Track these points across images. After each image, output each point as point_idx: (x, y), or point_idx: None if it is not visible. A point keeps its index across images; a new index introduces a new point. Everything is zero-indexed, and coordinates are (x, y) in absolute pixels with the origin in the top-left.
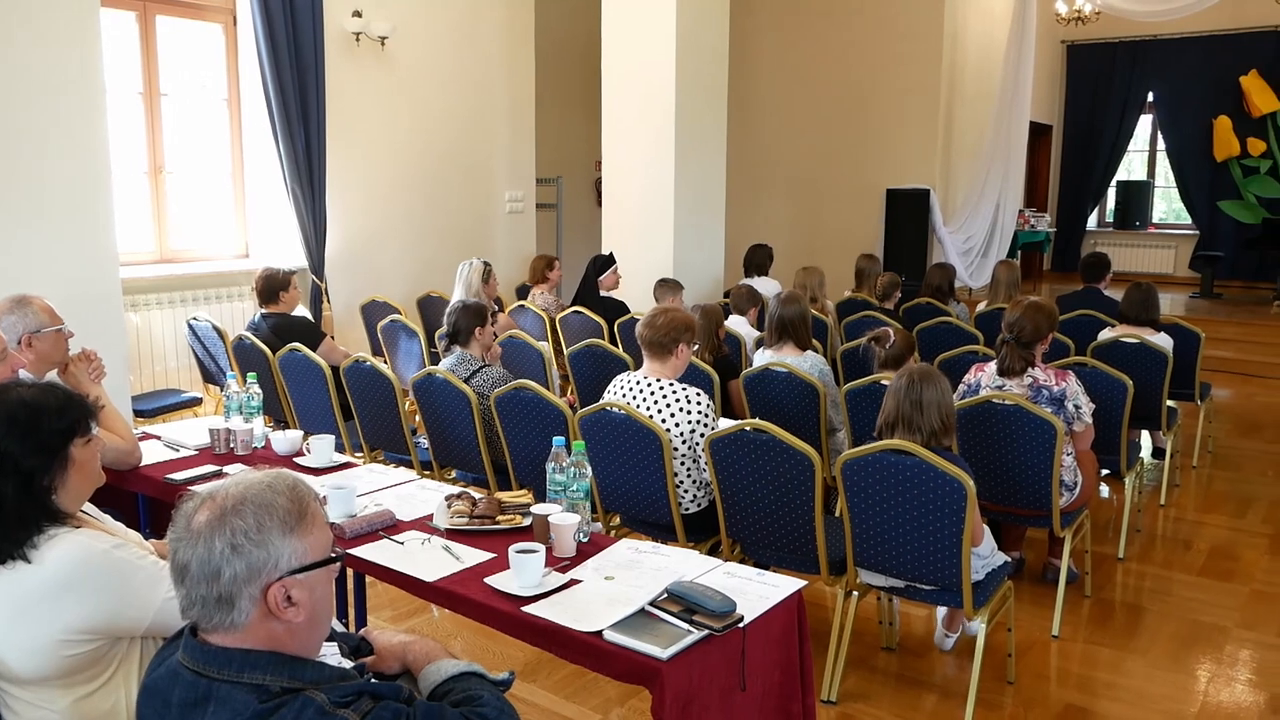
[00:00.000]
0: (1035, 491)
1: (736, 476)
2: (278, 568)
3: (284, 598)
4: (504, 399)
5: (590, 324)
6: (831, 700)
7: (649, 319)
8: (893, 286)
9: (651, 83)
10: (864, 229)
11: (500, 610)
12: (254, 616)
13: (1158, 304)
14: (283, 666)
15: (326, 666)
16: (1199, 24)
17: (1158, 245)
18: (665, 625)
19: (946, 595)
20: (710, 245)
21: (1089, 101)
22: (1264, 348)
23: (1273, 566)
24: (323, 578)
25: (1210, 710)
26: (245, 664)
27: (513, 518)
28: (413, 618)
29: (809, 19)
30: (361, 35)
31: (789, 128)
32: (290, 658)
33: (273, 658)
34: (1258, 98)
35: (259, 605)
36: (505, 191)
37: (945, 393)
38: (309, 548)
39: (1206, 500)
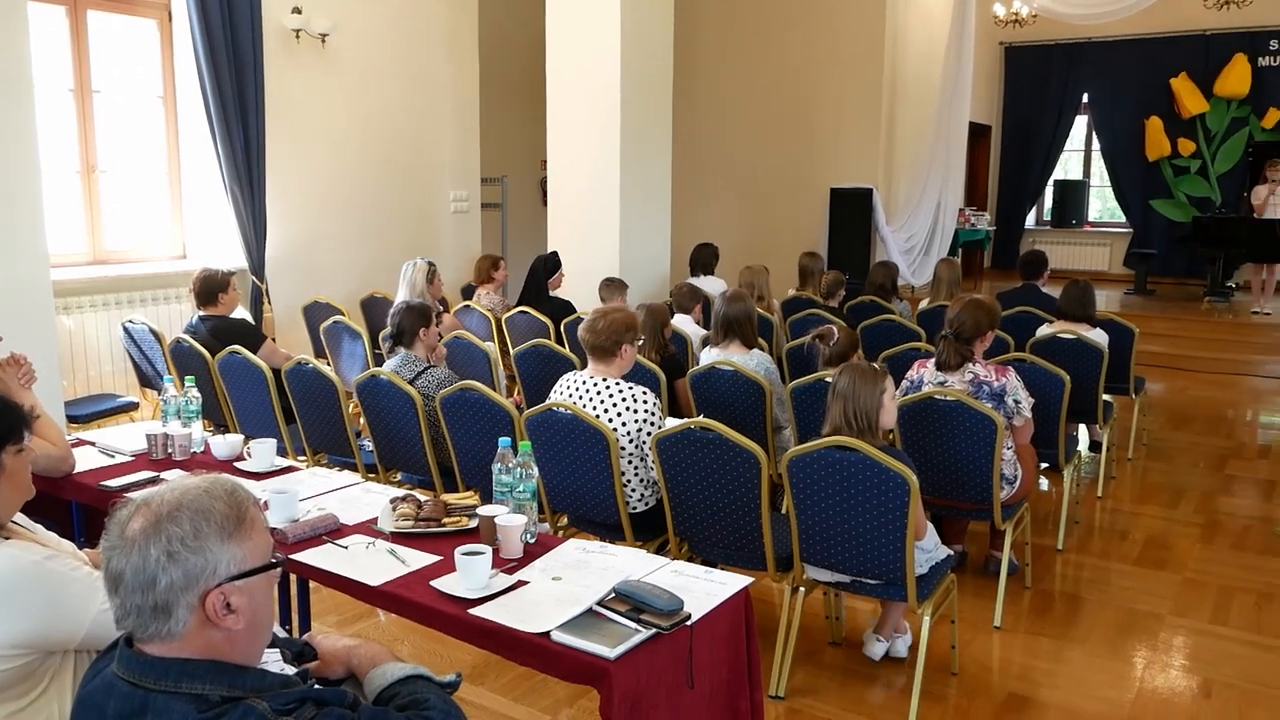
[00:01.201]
0: (977, 485)
1: (683, 475)
2: (216, 574)
3: (223, 605)
4: (449, 400)
5: (536, 324)
6: (779, 695)
7: (589, 323)
8: (837, 285)
9: (596, 83)
10: (808, 228)
11: (447, 613)
12: (192, 625)
13: (1093, 301)
14: (222, 675)
15: (268, 674)
16: (1132, 27)
17: (1093, 243)
18: (613, 625)
19: (891, 589)
20: (656, 244)
21: (1026, 102)
22: (1195, 342)
23: (1204, 555)
24: (263, 584)
25: (1146, 696)
26: (183, 674)
27: (459, 520)
28: (358, 622)
29: (753, 20)
30: (301, 32)
31: (734, 128)
32: (230, 666)
33: (212, 666)
34: (1187, 100)
35: (197, 613)
36: (450, 191)
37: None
38: (248, 553)
39: (1141, 492)
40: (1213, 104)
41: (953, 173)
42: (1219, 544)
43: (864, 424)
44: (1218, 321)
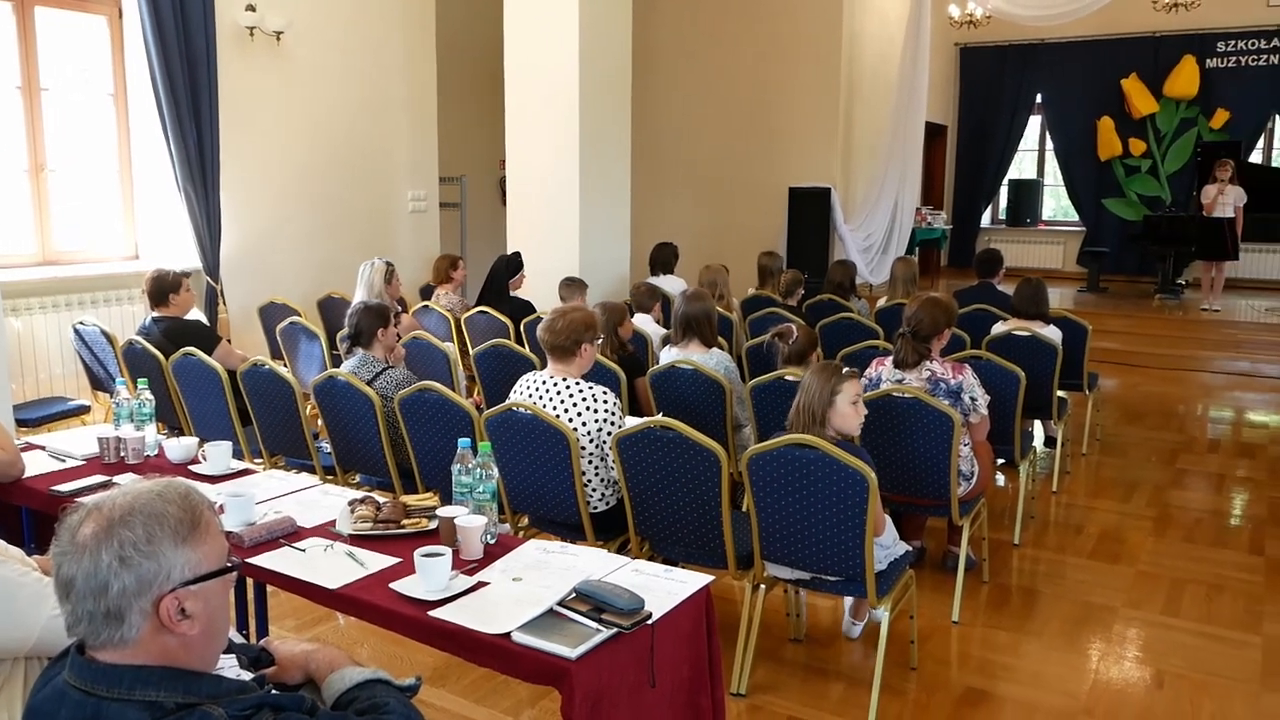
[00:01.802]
0: (934, 481)
1: (644, 474)
2: (170, 579)
3: (177, 610)
4: (408, 401)
5: (496, 324)
6: (741, 693)
7: (548, 323)
8: (795, 283)
9: (555, 82)
10: (767, 227)
11: (406, 615)
12: (145, 631)
13: (1047, 298)
14: (177, 681)
15: (224, 680)
16: (1083, 29)
17: (1047, 241)
18: (574, 625)
19: (851, 585)
20: (616, 244)
21: (981, 103)
22: (1147, 339)
23: (1156, 548)
24: (218, 588)
25: (1101, 687)
26: (137, 681)
27: (418, 521)
28: (317, 626)
29: (711, 20)
30: (256, 30)
31: (694, 128)
32: (185, 672)
33: (166, 673)
34: (1138, 100)
35: (150, 619)
36: (408, 190)
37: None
38: (203, 558)
39: (1095, 486)
40: (1162, 104)
41: (909, 172)
42: (1171, 537)
43: (810, 418)
44: (1168, 318)
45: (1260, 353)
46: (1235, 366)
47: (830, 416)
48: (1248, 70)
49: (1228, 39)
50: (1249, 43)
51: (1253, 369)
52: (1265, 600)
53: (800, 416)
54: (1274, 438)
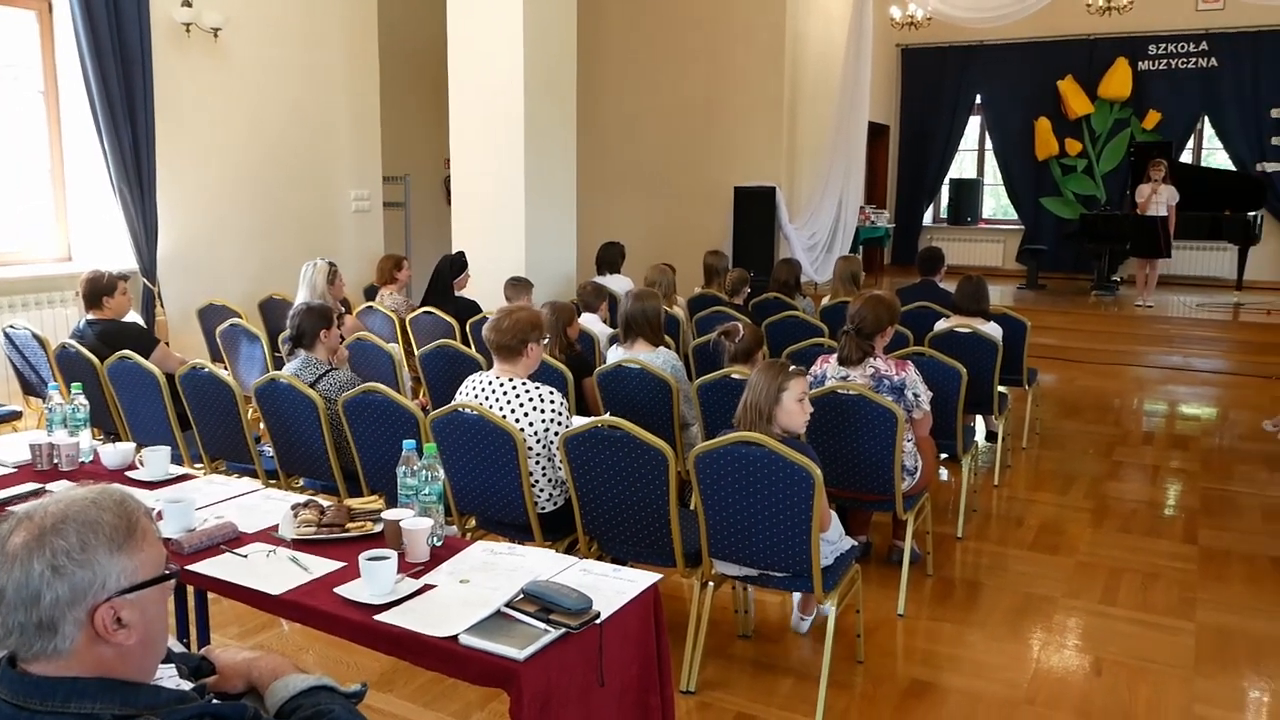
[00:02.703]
0: (879, 477)
1: (592, 474)
2: (105, 588)
3: (113, 620)
4: (352, 403)
5: (442, 324)
6: (690, 690)
7: (494, 322)
8: (741, 282)
9: (499, 81)
10: (713, 226)
11: (352, 620)
12: (80, 641)
13: (987, 295)
14: (113, 693)
15: (163, 690)
16: (1020, 31)
17: (988, 240)
18: (522, 626)
19: (798, 581)
20: (562, 243)
21: (923, 103)
22: (1084, 334)
23: (1094, 539)
24: (156, 597)
25: (1042, 675)
26: (72, 693)
27: (363, 525)
28: (260, 633)
29: (656, 20)
30: (192, 26)
31: (639, 127)
32: (121, 683)
33: (102, 684)
34: (1073, 101)
35: (85, 629)
36: (350, 190)
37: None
38: (139, 565)
39: (1035, 479)
40: (1097, 105)
41: (853, 171)
42: (1108, 527)
43: (757, 415)
44: (1104, 314)
45: (1192, 347)
46: (1168, 361)
47: (777, 414)
48: (1178, 73)
49: (1158, 42)
50: (1179, 46)
51: (1185, 363)
52: (1198, 588)
53: (747, 414)
54: (1206, 430)
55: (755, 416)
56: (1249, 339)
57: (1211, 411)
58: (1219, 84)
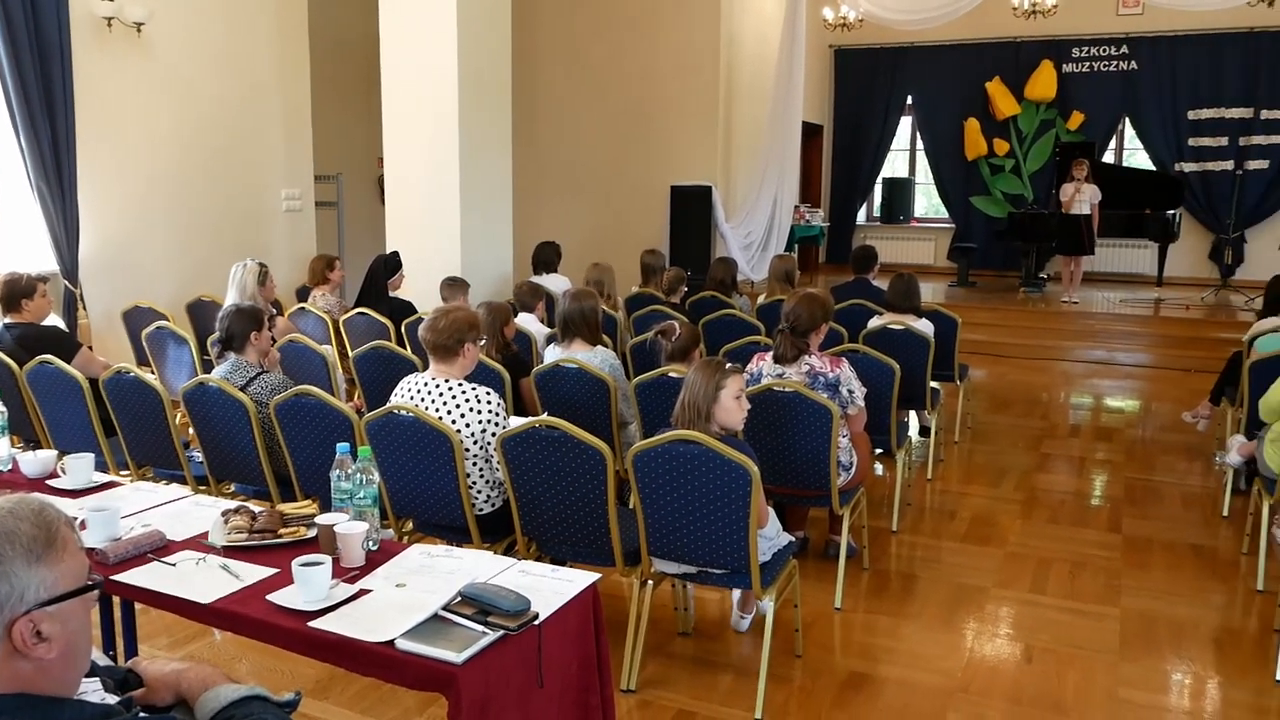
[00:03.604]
0: (815, 473)
1: (529, 474)
2: (24, 601)
3: (32, 633)
4: (284, 406)
5: (376, 325)
6: (631, 689)
7: (431, 321)
8: (678, 281)
9: (433, 79)
10: (650, 225)
11: (285, 627)
12: None
13: (919, 293)
14: (33, 709)
15: (86, 705)
16: (950, 33)
17: (919, 238)
18: (459, 629)
19: (737, 577)
20: (498, 243)
21: (855, 103)
22: (1013, 330)
23: (1024, 530)
24: (77, 609)
25: (976, 664)
26: None
27: (296, 530)
28: (191, 643)
29: (591, 19)
30: (114, 20)
31: (576, 127)
32: (42, 699)
33: (20, 700)
34: (1001, 102)
35: (3, 644)
36: (281, 189)
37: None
38: (59, 577)
39: (967, 472)
40: (1024, 106)
41: (788, 171)
42: (1037, 518)
43: (695, 413)
44: (1032, 310)
45: (1115, 342)
46: (1093, 355)
47: (715, 412)
48: (1100, 75)
49: (1081, 45)
50: (1101, 49)
51: (1109, 357)
52: (1122, 575)
53: (685, 413)
54: (1129, 422)
55: (694, 415)
56: (1169, 333)
57: (1134, 404)
58: (1139, 86)
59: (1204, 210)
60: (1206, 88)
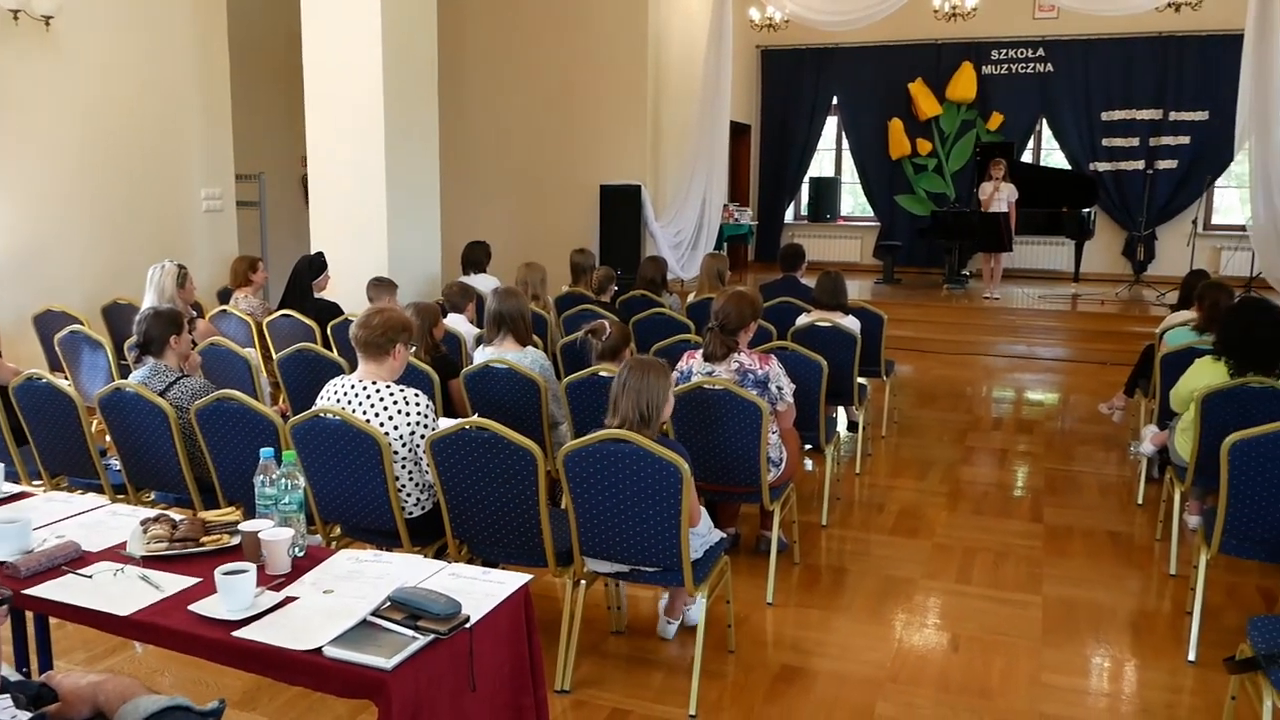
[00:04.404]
0: (745, 469)
1: (460, 476)
2: None
3: None
4: (205, 411)
5: (301, 327)
6: (565, 689)
7: (363, 319)
8: (608, 280)
9: (357, 76)
10: (580, 224)
11: (208, 638)
12: None
13: (845, 290)
14: None
15: None
16: (873, 35)
17: (846, 236)
18: (389, 634)
19: (669, 575)
20: (426, 243)
21: (782, 103)
22: (937, 326)
23: (950, 521)
24: None
25: (904, 654)
26: None
27: (219, 538)
28: (111, 657)
29: (518, 17)
30: (20, 13)
31: (504, 126)
32: None
33: None
34: (923, 103)
35: None
36: (201, 189)
37: (651, 383)
38: None
39: (895, 466)
40: (945, 107)
41: (716, 170)
42: (962, 510)
43: (651, 414)
44: (955, 306)
45: (1035, 336)
46: (1014, 350)
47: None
48: (1018, 77)
49: (1000, 47)
50: (1018, 51)
51: (1029, 351)
52: (1044, 563)
53: (645, 414)
54: (1049, 414)
55: (651, 416)
56: (1085, 328)
57: (1053, 397)
58: (1055, 88)
59: (1117, 208)
60: (1118, 90)
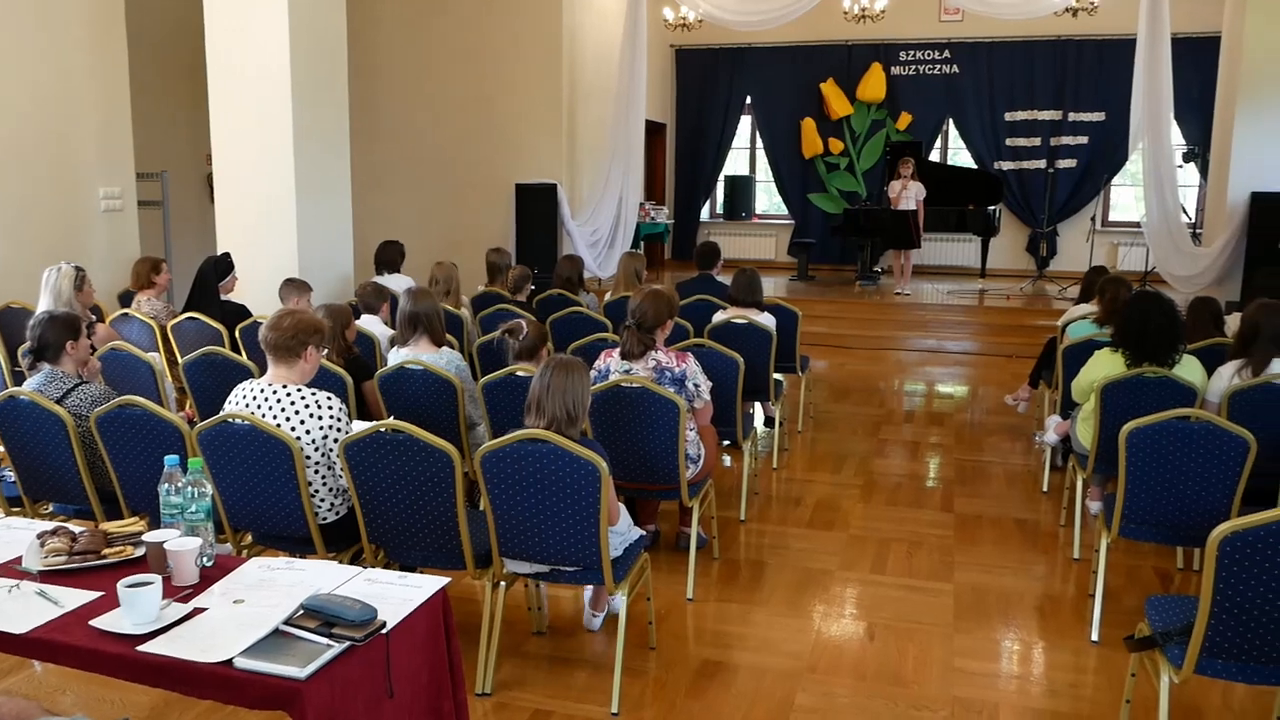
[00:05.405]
0: (664, 467)
1: (375, 480)
2: None
3: None
4: (106, 418)
5: (208, 330)
6: (486, 692)
7: (273, 321)
8: (524, 279)
9: (263, 71)
10: (496, 224)
11: (111, 653)
12: None
13: (761, 287)
14: None
15: None
16: (786, 35)
17: (761, 234)
18: (302, 643)
19: (589, 574)
20: (337, 243)
21: (697, 102)
22: (850, 322)
23: (865, 513)
24: None
25: (822, 644)
26: None
27: (122, 550)
28: (8, 677)
29: (431, 13)
30: None
31: (418, 123)
32: None
33: None
34: (835, 103)
35: None
36: (99, 188)
37: (575, 383)
38: None
39: (811, 460)
40: (856, 107)
41: (632, 168)
42: (876, 501)
43: (577, 413)
44: (868, 302)
45: (944, 331)
46: (924, 344)
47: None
48: (925, 78)
49: (908, 49)
50: (925, 53)
51: (939, 346)
52: (955, 552)
53: (571, 414)
54: (958, 406)
55: (576, 415)
56: (992, 322)
57: (963, 389)
58: (961, 89)
59: (1021, 206)
60: (1021, 91)
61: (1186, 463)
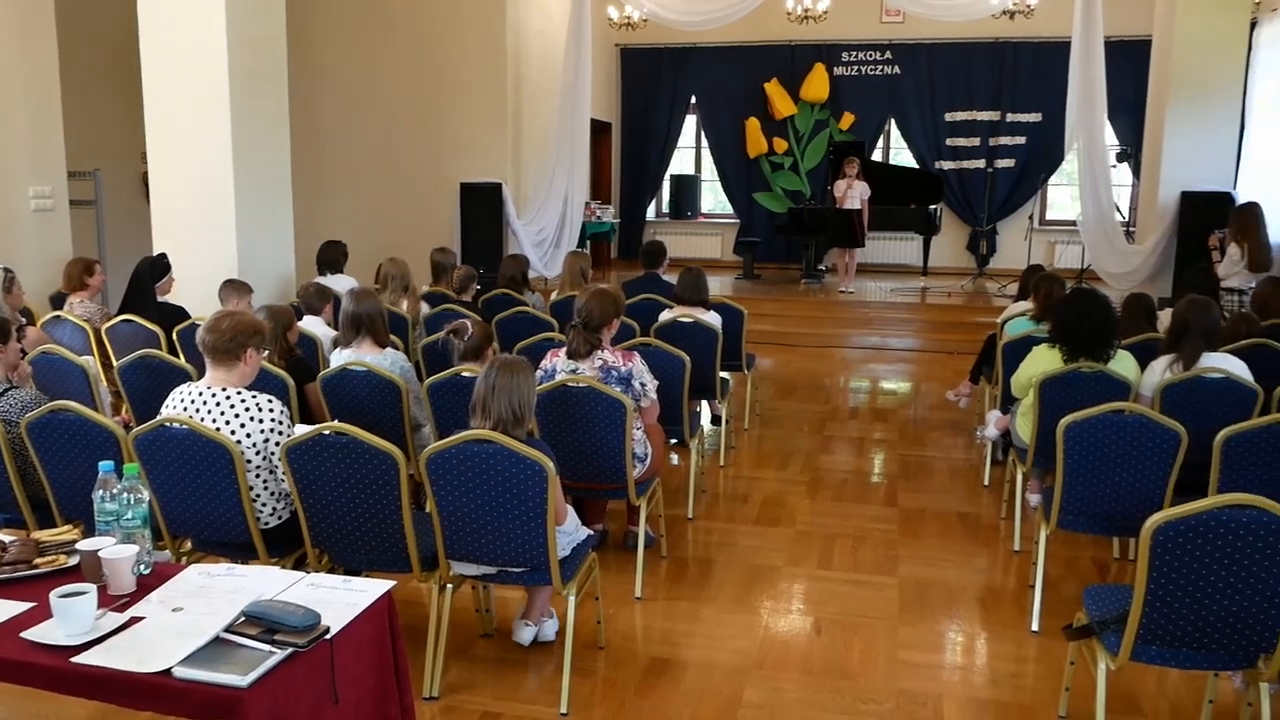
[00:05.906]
0: (611, 466)
1: (318, 483)
2: None
3: None
4: (37, 424)
5: (144, 333)
6: (434, 696)
7: (212, 323)
8: (469, 279)
9: (200, 68)
10: (440, 223)
11: (44, 666)
12: None
13: (706, 286)
14: None
15: None
16: (730, 35)
17: (707, 233)
18: (244, 650)
19: (537, 575)
20: (279, 243)
21: (642, 102)
22: (796, 320)
23: (812, 509)
24: None
25: (770, 639)
26: None
27: (55, 559)
28: None
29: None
30: None
31: (361, 122)
32: None
33: None
34: (779, 103)
35: None
36: (29, 187)
37: (521, 383)
38: None
39: (758, 457)
40: (800, 107)
41: (577, 167)
42: (822, 497)
43: (524, 413)
44: (813, 301)
45: (888, 328)
46: (868, 342)
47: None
48: (867, 78)
49: (850, 50)
50: (867, 54)
51: (883, 343)
52: (899, 546)
53: (517, 414)
54: (901, 403)
55: (522, 416)
56: (934, 319)
57: (906, 386)
58: (902, 90)
59: (961, 205)
60: (960, 92)
61: (1121, 455)
